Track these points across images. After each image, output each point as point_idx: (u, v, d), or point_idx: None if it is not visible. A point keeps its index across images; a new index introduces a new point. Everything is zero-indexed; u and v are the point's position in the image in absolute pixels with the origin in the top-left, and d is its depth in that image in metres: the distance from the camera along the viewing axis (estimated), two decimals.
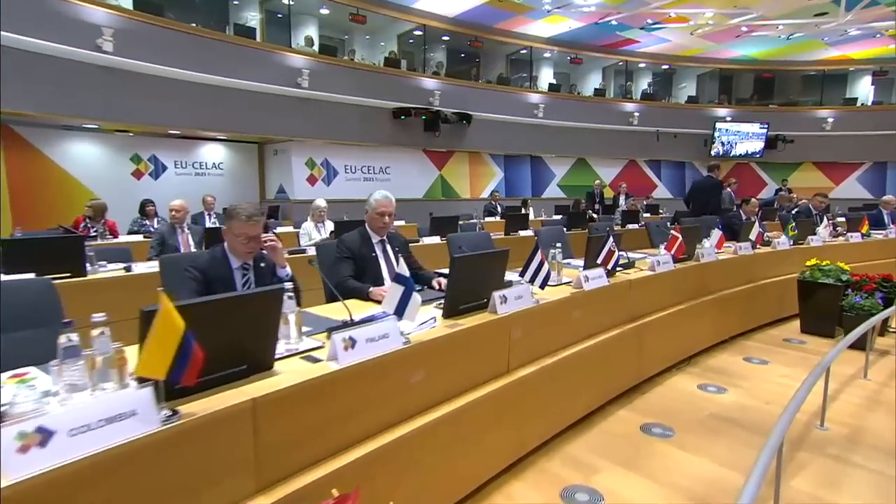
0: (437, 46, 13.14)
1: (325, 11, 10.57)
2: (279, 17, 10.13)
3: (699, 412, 3.24)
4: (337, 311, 2.35)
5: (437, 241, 6.00)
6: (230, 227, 2.46)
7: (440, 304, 2.49)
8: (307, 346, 1.91)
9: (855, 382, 3.70)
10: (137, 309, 1.27)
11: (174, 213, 4.98)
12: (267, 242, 2.49)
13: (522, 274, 2.74)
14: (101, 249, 4.12)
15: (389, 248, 3.30)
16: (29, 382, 1.49)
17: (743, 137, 14.20)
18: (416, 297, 2.06)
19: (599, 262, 3.30)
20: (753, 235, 4.98)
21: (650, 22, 11.65)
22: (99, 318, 1.43)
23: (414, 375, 2.05)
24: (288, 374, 1.68)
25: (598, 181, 11.04)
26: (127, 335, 1.44)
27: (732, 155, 14.38)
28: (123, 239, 5.83)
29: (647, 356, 3.65)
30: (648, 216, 10.04)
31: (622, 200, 10.53)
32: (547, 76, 14.34)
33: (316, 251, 3.43)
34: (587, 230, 6.81)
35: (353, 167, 10.42)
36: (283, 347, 1.84)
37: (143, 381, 1.26)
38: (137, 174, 8.86)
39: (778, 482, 2.11)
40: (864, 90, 15.22)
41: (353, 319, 2.09)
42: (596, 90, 13.90)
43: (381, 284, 3.15)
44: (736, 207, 7.26)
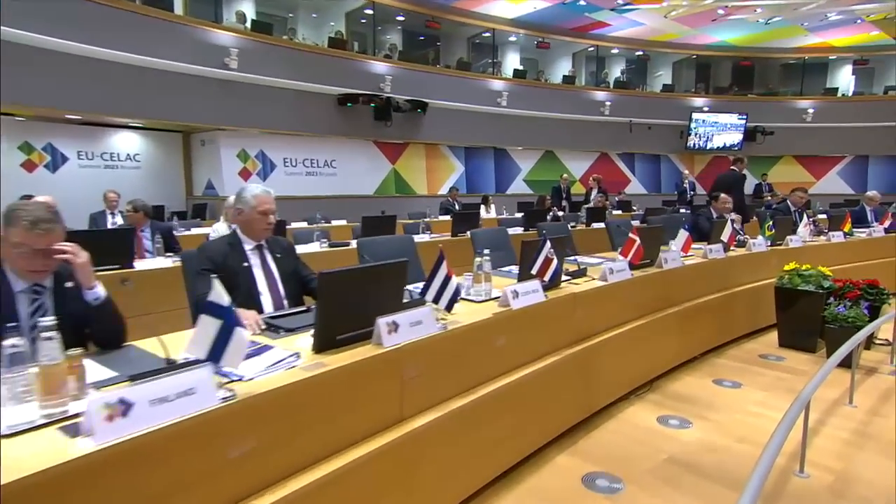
0: (391, 28, 12.60)
1: None
2: None
3: (656, 455, 2.78)
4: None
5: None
6: (6, 235, 1.88)
7: None
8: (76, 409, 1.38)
9: (839, 411, 3.31)
10: None
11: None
12: (59, 254, 1.91)
13: (424, 291, 2.22)
14: None
15: (270, 255, 2.76)
16: None
17: (721, 129, 14.05)
18: (239, 333, 1.53)
19: (534, 272, 2.81)
20: (726, 236, 4.59)
21: (621, 2, 11.33)
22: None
23: (238, 446, 1.52)
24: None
25: (564, 175, 10.66)
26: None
27: (710, 148, 14.23)
28: None
29: (597, 385, 3.18)
30: (620, 213, 9.70)
31: (594, 196, 10.13)
32: (513, 62, 13.94)
33: (182, 261, 2.86)
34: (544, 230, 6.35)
35: (293, 160, 9.79)
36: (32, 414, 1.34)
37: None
38: (29, 166, 8.05)
39: None
40: (844, 80, 15.36)
41: (171, 361, 1.57)
42: (565, 77, 13.56)
43: (256, 302, 2.61)
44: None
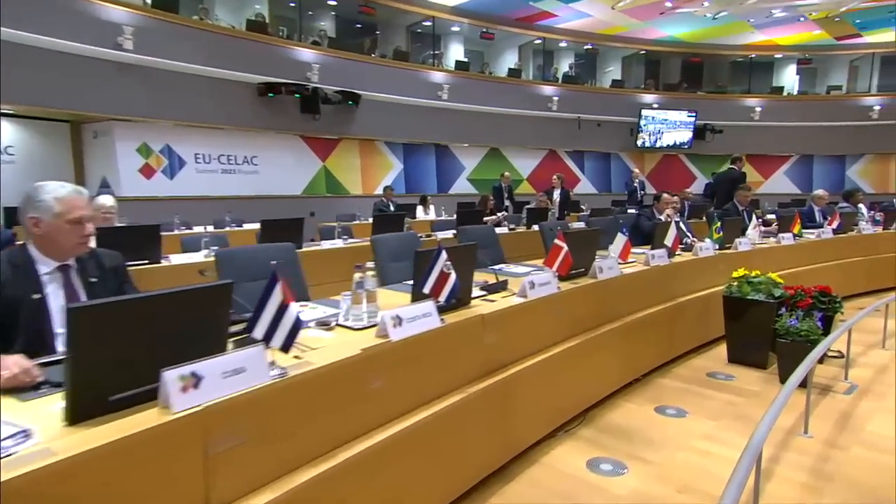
0: (323, 13, 11.94)
1: None
2: None
3: None
4: None
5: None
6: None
7: None
8: None
9: (794, 443, 2.95)
10: None
11: None
12: None
13: (250, 327, 1.66)
14: None
15: (79, 279, 2.13)
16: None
17: (671, 126, 14.06)
18: None
19: (428, 290, 2.29)
20: (670, 240, 4.22)
21: None
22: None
23: None
24: None
25: (505, 173, 10.26)
26: None
27: (660, 146, 14.22)
28: None
29: (515, 423, 2.70)
30: (574, 214, 9.38)
31: (556, 195, 9.71)
32: (457, 53, 13.51)
33: None
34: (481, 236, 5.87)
35: (206, 156, 8.99)
36: None
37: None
38: None
39: None
40: (790, 79, 15.76)
41: None
42: (511, 70, 13.22)
43: (48, 346, 1.98)
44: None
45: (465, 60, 12.71)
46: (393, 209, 9.08)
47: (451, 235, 6.24)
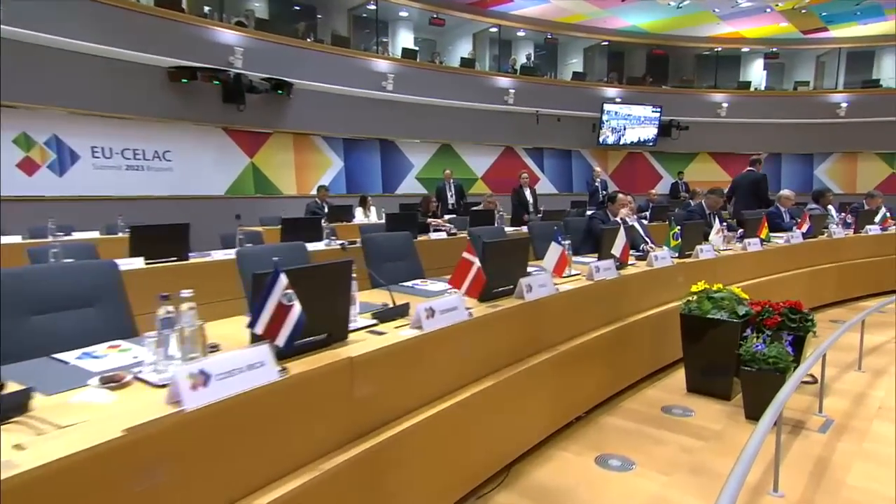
0: None
1: None
2: None
3: None
4: None
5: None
6: None
7: None
8: None
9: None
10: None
11: None
12: None
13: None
14: None
15: None
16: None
17: (635, 122, 13.81)
18: None
19: (260, 330, 1.70)
20: (618, 248, 3.74)
21: None
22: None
23: None
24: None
25: (447, 171, 9.73)
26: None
27: (623, 143, 13.96)
28: None
29: (404, 498, 2.13)
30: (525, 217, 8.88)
31: (528, 195, 9.17)
32: (406, 41, 12.94)
33: None
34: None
35: (106, 149, 8.14)
36: None
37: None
38: None
39: None
40: (757, 74, 15.79)
41: None
42: (463, 60, 12.72)
43: None
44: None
45: (412, 48, 12.13)
46: (327, 210, 8.45)
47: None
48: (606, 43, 14.86)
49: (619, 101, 13.83)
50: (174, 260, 3.98)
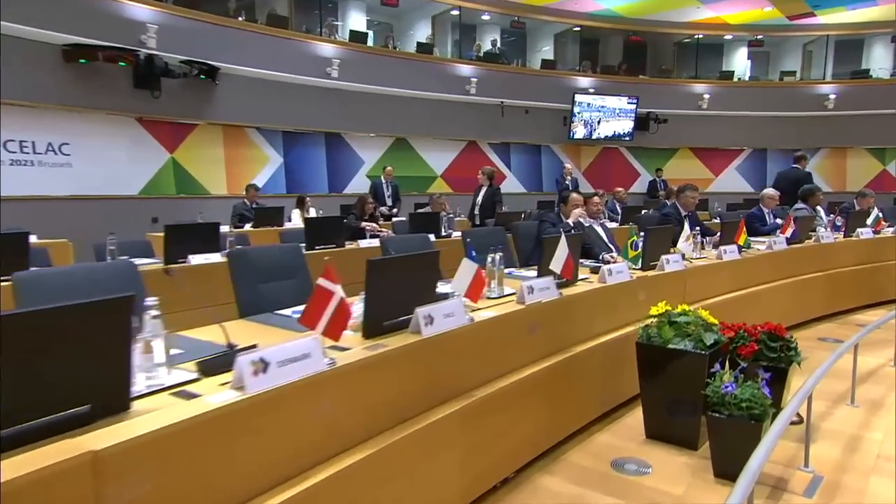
0: None
1: None
2: None
3: None
4: None
5: None
6: None
7: None
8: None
9: None
10: None
11: None
12: None
13: None
14: None
15: None
16: None
17: (609, 114, 13.39)
18: None
19: None
20: (559, 262, 3.17)
21: None
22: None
23: None
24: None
25: (388, 167, 9.14)
26: None
27: (597, 137, 13.54)
28: None
29: None
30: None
31: (481, 195, 8.61)
32: (357, 23, 12.32)
33: None
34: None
35: None
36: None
37: None
38: None
39: None
40: (740, 63, 15.57)
41: None
42: (420, 45, 12.15)
43: None
44: None
45: (362, 31, 11.51)
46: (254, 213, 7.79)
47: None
48: (579, 28, 14.45)
49: (592, 91, 13.40)
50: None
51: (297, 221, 8.31)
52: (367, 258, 2.28)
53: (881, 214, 7.31)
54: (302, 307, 2.05)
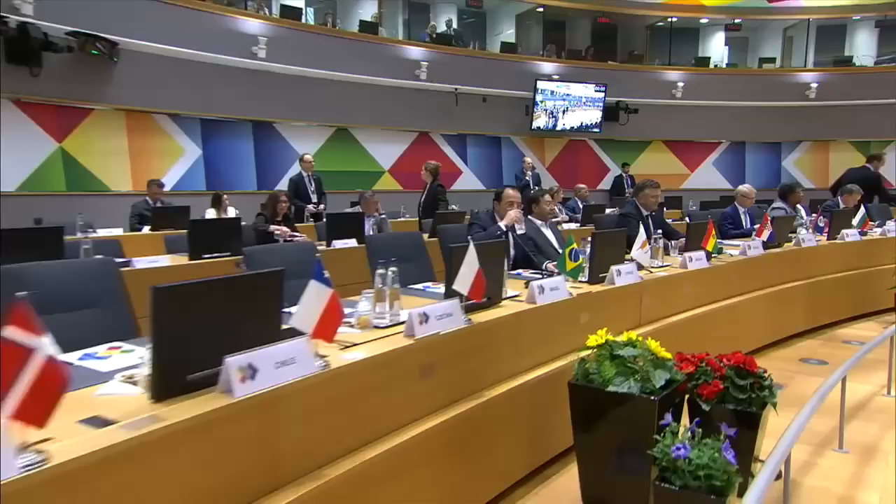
0: None
1: None
2: None
3: None
4: None
5: None
6: None
7: None
8: None
9: None
10: None
11: None
12: None
13: None
14: None
15: None
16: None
17: (575, 103, 12.91)
18: None
19: None
20: (465, 283, 2.53)
21: None
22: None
23: None
24: None
25: (306, 155, 8.41)
26: None
27: (562, 129, 13.06)
28: None
29: None
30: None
31: (426, 192, 8.02)
32: None
33: None
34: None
35: None
36: None
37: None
38: None
39: None
40: (717, 49, 15.35)
41: None
42: (363, 24, 11.48)
43: None
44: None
45: (296, 7, 10.79)
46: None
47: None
48: (542, 9, 13.97)
49: (556, 77, 12.90)
50: None
51: None
52: (151, 286, 1.63)
53: (867, 212, 6.91)
54: None
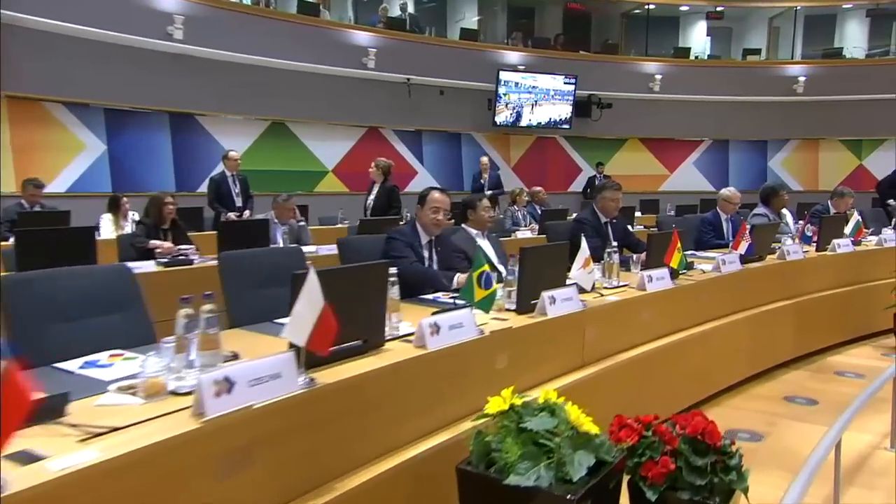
0: None
1: None
2: None
3: None
4: None
5: None
6: None
7: None
8: None
9: None
10: None
11: None
12: None
13: None
14: None
15: None
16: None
17: (542, 96, 12.42)
18: None
19: None
20: (299, 329, 1.85)
21: None
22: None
23: None
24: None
25: (232, 152, 7.69)
26: None
27: (528, 125, 12.59)
28: None
29: None
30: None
31: (372, 196, 7.38)
32: None
33: None
34: None
35: None
36: None
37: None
38: None
39: None
40: (698, 39, 15.20)
41: None
42: (303, 4, 10.81)
43: None
44: None
45: None
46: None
47: None
48: None
49: (522, 68, 12.37)
50: None
51: (107, 231, 6.83)
52: None
53: (861, 219, 6.40)
54: None
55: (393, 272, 2.45)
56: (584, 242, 3.26)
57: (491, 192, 9.53)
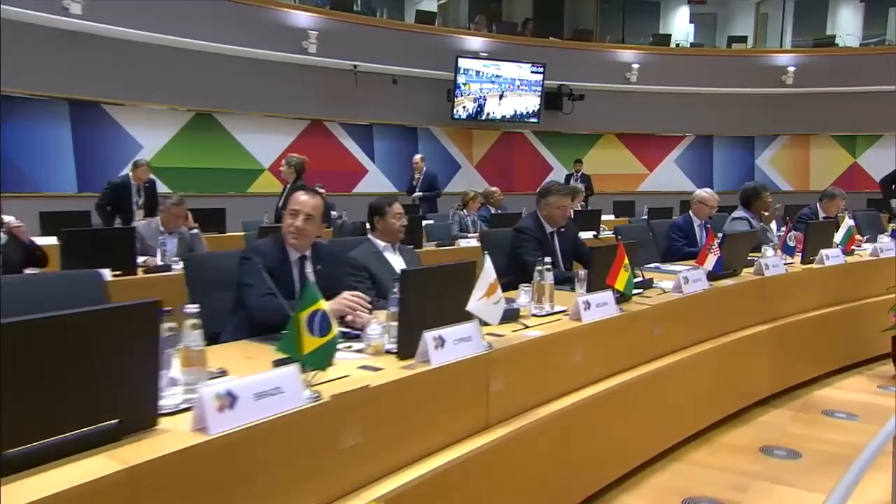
0: None
1: None
2: None
3: None
4: None
5: None
6: None
7: None
8: None
9: None
10: None
11: None
12: None
13: None
14: None
15: None
16: None
17: (506, 86, 12.02)
18: None
19: None
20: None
21: None
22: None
23: None
24: None
25: (142, 162, 7.23)
26: None
27: (492, 118, 12.21)
28: None
29: None
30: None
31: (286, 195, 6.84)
32: None
33: None
34: None
35: None
36: None
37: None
38: None
39: None
40: (680, 26, 15.21)
41: None
42: None
43: None
44: None
45: None
46: None
47: None
48: None
49: (484, 55, 11.90)
50: None
51: None
52: None
53: (855, 224, 5.87)
54: None
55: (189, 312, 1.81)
56: (487, 262, 2.59)
57: (422, 193, 9.05)
